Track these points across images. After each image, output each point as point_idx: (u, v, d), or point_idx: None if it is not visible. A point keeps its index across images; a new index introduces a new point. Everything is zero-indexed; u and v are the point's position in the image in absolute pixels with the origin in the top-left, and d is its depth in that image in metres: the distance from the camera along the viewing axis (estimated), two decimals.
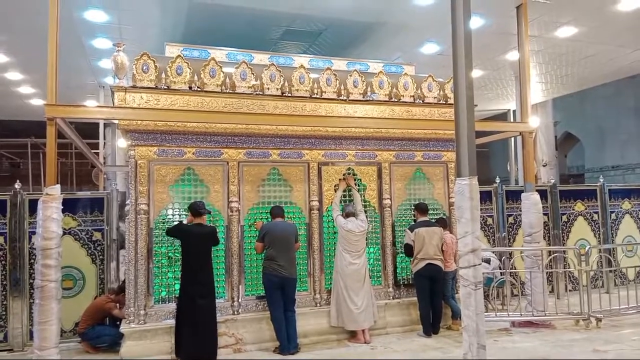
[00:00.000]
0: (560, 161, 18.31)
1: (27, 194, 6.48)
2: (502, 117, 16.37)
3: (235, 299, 6.13)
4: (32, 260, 6.12)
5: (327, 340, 6.25)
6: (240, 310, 6.12)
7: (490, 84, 12.89)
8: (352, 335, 6.26)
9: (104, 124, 13.73)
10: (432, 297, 6.48)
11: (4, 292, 6.28)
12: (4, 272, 6.29)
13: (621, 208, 9.43)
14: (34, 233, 5.58)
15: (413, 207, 6.96)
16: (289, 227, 6.14)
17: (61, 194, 5.24)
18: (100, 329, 6.13)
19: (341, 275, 6.26)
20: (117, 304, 6.14)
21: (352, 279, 6.24)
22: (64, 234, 6.01)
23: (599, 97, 16.82)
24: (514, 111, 14.88)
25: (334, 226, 6.55)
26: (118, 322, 6.10)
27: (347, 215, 6.42)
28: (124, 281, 6.11)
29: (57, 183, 5.26)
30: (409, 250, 6.59)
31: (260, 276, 6.09)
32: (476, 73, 11.41)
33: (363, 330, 6.20)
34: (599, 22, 8.71)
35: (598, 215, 9.22)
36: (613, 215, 9.32)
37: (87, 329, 6.06)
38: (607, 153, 17.31)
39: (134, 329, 5.63)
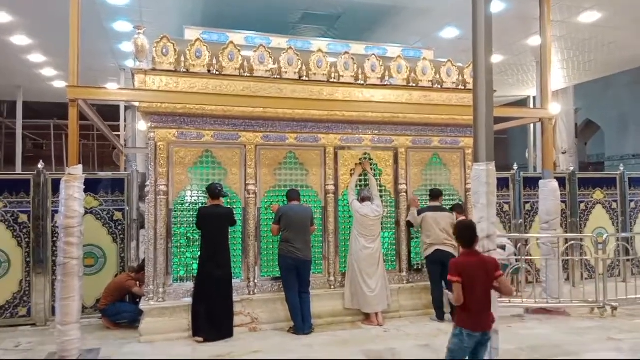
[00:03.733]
0: (580, 149, 18.00)
1: (50, 174, 6.61)
2: (522, 103, 16.14)
3: (252, 279, 6.24)
4: (55, 238, 6.30)
5: (340, 322, 6.33)
6: (256, 290, 6.23)
7: (511, 69, 12.70)
8: (366, 317, 6.34)
9: (125, 106, 13.90)
10: (444, 282, 6.50)
11: (28, 269, 6.45)
12: (28, 250, 6.46)
13: None
14: (56, 212, 5.67)
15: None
16: (305, 211, 6.20)
17: (83, 174, 5.34)
18: (121, 305, 6.30)
19: (356, 259, 6.33)
20: (137, 282, 6.29)
21: (367, 262, 6.30)
22: (86, 213, 6.17)
23: (621, 84, 16.42)
24: (534, 97, 14.67)
25: (349, 210, 6.59)
26: (138, 300, 6.25)
27: (362, 199, 6.47)
28: (143, 260, 6.25)
29: (79, 163, 5.35)
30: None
31: (276, 258, 6.18)
32: (496, 58, 11.26)
33: (376, 313, 6.27)
34: (622, 6, 8.51)
35: (617, 204, 9.09)
36: (632, 204, 9.18)
37: (108, 306, 6.23)
38: (629, 141, 16.94)
39: (153, 306, 5.78)
